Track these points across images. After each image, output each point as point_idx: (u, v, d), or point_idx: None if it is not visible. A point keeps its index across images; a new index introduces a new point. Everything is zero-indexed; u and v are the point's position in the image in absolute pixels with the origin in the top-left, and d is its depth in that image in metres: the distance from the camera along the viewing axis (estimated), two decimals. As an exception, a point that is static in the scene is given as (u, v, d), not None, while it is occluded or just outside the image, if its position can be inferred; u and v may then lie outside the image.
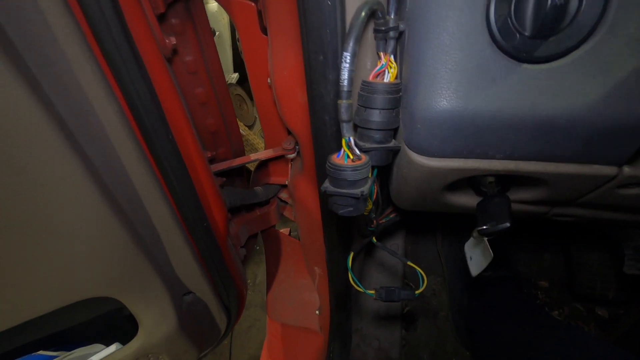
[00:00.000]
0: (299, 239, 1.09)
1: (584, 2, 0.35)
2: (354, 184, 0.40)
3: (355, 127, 0.48)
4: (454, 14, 0.37)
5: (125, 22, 0.46)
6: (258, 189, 0.95)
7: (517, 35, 0.36)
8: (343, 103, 0.40)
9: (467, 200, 0.56)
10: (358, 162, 0.40)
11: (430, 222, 1.38)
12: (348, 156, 0.41)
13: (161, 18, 0.60)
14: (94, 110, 0.49)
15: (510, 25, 0.36)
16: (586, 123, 0.38)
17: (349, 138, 0.40)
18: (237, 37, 3.01)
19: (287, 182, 0.94)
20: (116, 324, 0.76)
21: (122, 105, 0.51)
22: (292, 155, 0.82)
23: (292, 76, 0.59)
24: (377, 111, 0.45)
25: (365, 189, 0.40)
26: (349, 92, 0.40)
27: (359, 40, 0.38)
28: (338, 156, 0.43)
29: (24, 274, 0.53)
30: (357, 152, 0.41)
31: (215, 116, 0.78)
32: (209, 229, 0.72)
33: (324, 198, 0.64)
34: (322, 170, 0.66)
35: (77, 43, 0.44)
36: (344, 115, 0.40)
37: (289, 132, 0.83)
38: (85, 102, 0.47)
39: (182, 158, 0.61)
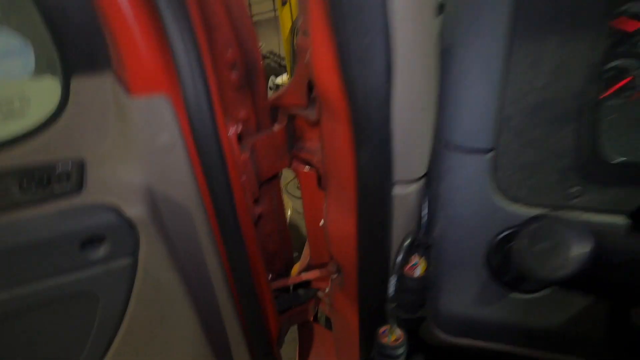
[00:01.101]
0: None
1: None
2: (395, 355, 0.59)
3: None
4: (464, 256, 0.58)
5: (237, 213, 0.68)
6: (301, 291, 1.14)
7: (509, 274, 0.56)
8: (389, 306, 0.60)
9: None
10: (400, 340, 0.60)
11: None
12: (391, 334, 0.60)
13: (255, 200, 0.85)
14: (211, 279, 0.71)
15: (505, 267, 0.56)
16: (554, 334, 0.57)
17: (394, 326, 0.60)
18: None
19: (327, 290, 1.13)
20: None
21: (224, 263, 0.72)
22: (335, 276, 1.01)
23: (345, 233, 0.80)
24: (410, 294, 0.64)
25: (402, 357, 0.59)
26: (394, 296, 0.60)
27: (403, 265, 0.59)
28: (384, 332, 0.62)
29: None
30: (399, 332, 0.60)
31: (277, 244, 1.00)
32: (269, 341, 0.91)
33: (363, 328, 0.82)
34: (363, 302, 0.84)
35: (208, 235, 0.66)
36: (389, 313, 0.60)
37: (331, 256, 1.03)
38: (207, 274, 0.69)
39: (256, 290, 0.81)
